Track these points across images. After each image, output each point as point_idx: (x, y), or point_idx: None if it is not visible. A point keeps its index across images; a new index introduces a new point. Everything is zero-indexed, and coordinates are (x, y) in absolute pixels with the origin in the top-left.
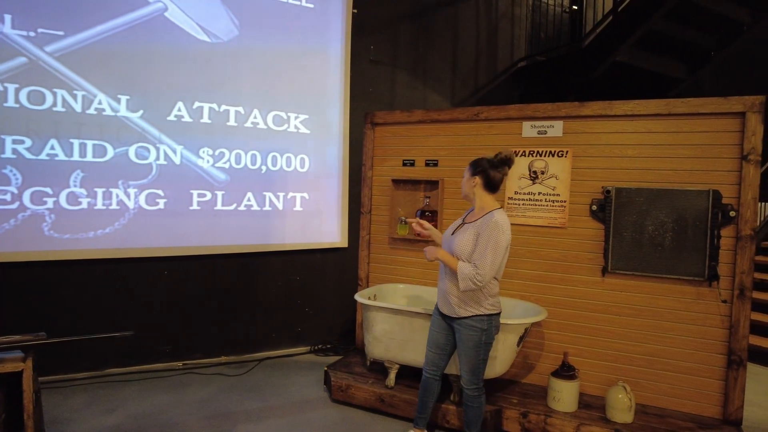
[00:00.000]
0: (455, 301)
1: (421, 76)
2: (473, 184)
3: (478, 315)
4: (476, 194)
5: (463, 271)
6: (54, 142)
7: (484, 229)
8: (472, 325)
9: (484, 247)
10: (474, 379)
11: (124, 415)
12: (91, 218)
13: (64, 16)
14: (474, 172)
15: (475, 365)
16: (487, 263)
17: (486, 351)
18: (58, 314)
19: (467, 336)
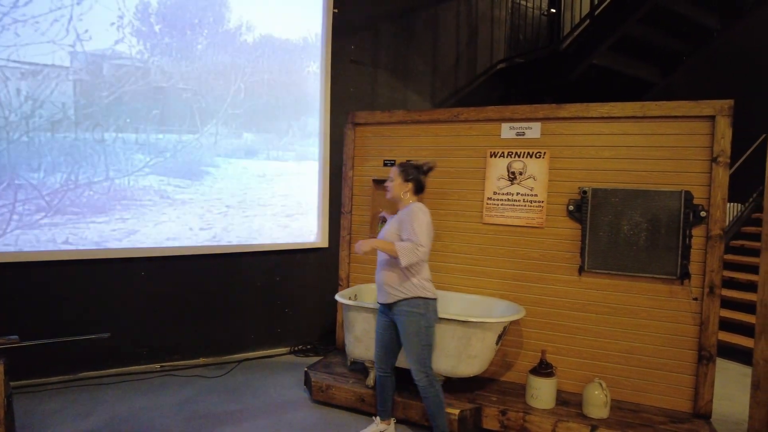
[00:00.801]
0: (392, 289)
1: (401, 77)
2: (405, 189)
3: (414, 298)
4: (404, 197)
5: (402, 245)
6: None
7: (406, 214)
8: (409, 310)
9: (411, 224)
10: (422, 369)
11: (100, 420)
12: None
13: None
14: (407, 179)
15: (419, 353)
16: (418, 235)
17: (428, 336)
18: (31, 317)
19: (407, 322)
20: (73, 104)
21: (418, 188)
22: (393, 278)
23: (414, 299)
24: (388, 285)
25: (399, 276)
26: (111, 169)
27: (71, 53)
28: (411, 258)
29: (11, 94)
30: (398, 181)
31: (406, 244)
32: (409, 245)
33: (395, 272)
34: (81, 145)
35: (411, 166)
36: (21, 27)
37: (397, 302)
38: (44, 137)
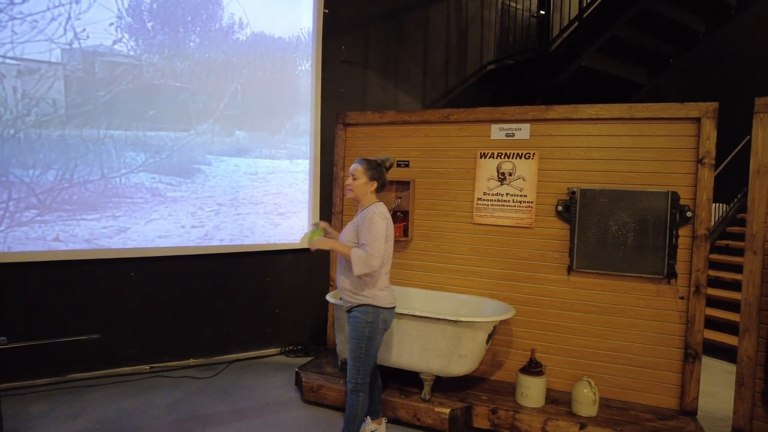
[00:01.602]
0: (348, 294)
1: (392, 78)
2: (370, 189)
3: (365, 305)
4: (367, 196)
5: (356, 254)
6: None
7: (363, 220)
8: (357, 316)
9: (368, 230)
10: (353, 373)
11: (89, 421)
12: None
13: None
14: (372, 177)
15: (355, 357)
16: (373, 244)
17: (369, 346)
18: (18, 317)
19: (353, 326)
20: (65, 102)
21: (381, 187)
22: (348, 284)
23: (365, 306)
24: (345, 290)
25: (354, 282)
26: (103, 167)
27: (66, 51)
28: (362, 269)
29: (7, 92)
30: (363, 179)
31: (361, 254)
32: (362, 255)
33: (351, 278)
34: (73, 143)
35: (375, 164)
36: (18, 25)
37: (351, 308)
38: (36, 134)
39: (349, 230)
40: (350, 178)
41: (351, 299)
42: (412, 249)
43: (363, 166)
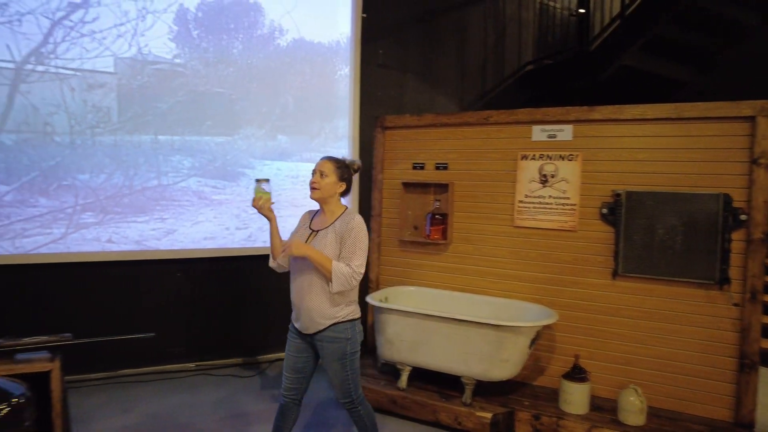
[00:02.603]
0: (319, 316)
1: (429, 80)
2: (339, 190)
3: (340, 323)
4: (333, 198)
5: (340, 269)
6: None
7: (349, 230)
8: (334, 336)
9: (354, 246)
10: (347, 394)
11: (141, 415)
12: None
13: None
14: (342, 177)
15: (344, 379)
16: (360, 261)
17: (353, 361)
18: (75, 315)
19: (331, 350)
20: (123, 111)
21: (347, 190)
22: (320, 303)
23: (341, 323)
24: (314, 312)
25: (332, 299)
26: (151, 171)
27: (128, 63)
28: (342, 287)
29: (77, 104)
30: (332, 178)
31: (345, 270)
32: (346, 272)
33: (324, 296)
34: (125, 149)
35: (344, 164)
36: (89, 42)
37: (322, 329)
38: (90, 141)
39: (330, 239)
40: (317, 175)
41: (323, 320)
42: (452, 252)
43: (333, 163)
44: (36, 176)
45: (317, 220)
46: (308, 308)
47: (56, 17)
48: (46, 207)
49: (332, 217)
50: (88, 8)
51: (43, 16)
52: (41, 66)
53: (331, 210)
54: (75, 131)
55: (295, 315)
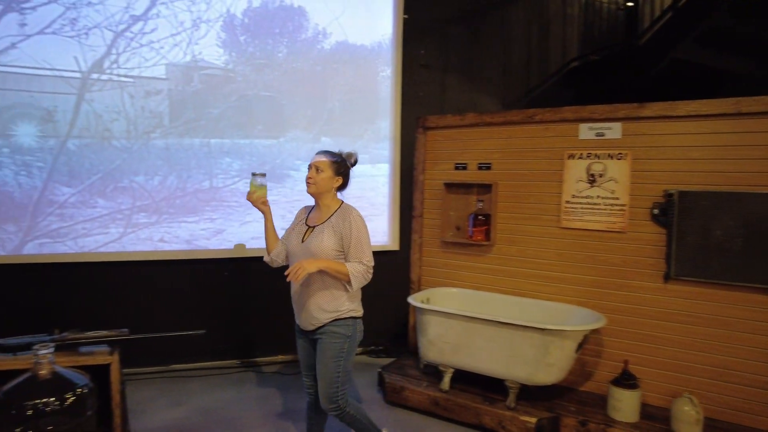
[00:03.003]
0: (321, 312)
1: (471, 79)
2: (335, 185)
3: (342, 318)
4: (330, 193)
5: (356, 270)
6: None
7: (349, 225)
8: (335, 331)
9: (358, 240)
10: (333, 396)
11: (190, 409)
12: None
13: None
14: (338, 171)
15: (333, 377)
16: (369, 256)
17: (347, 361)
18: (130, 312)
19: (328, 344)
20: (171, 114)
21: (345, 185)
22: (325, 298)
23: (343, 320)
24: (314, 308)
25: (333, 296)
26: (203, 174)
27: (182, 70)
28: (362, 284)
29: (136, 111)
30: (328, 173)
31: (360, 269)
32: (362, 270)
33: (329, 291)
34: (176, 152)
35: (341, 158)
36: (147, 51)
37: (323, 325)
38: (145, 145)
39: (327, 234)
40: (312, 170)
41: (323, 316)
42: (495, 254)
43: (328, 158)
44: (96, 179)
45: (313, 215)
46: (308, 305)
47: (119, 29)
48: (105, 208)
49: (328, 211)
50: (147, 20)
51: (107, 29)
52: (104, 75)
53: (326, 204)
54: (132, 136)
55: (295, 311)
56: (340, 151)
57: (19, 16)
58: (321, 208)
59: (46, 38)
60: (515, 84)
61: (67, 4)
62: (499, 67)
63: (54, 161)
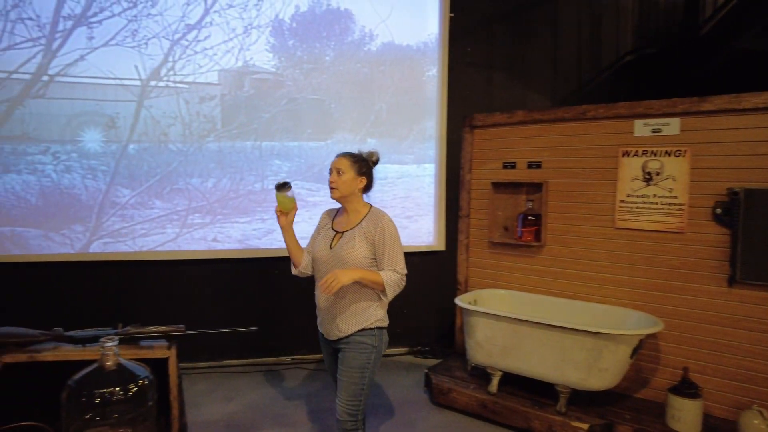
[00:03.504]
0: (347, 320)
1: (519, 76)
2: (359, 186)
3: (369, 328)
4: (355, 196)
5: (390, 279)
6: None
7: (382, 231)
8: (361, 341)
9: (392, 249)
10: (353, 410)
11: (241, 404)
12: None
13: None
14: (361, 171)
15: (357, 390)
16: (403, 264)
17: (372, 373)
18: (185, 308)
19: (353, 356)
20: (224, 118)
21: (369, 186)
22: (354, 308)
23: (370, 329)
24: (341, 317)
25: (362, 305)
26: (253, 175)
27: (234, 75)
28: (397, 292)
29: (191, 116)
30: (350, 174)
31: (394, 278)
32: (396, 278)
33: (359, 301)
34: (230, 155)
35: (361, 157)
36: (201, 58)
37: (349, 335)
38: (199, 148)
39: (358, 241)
40: (334, 173)
41: (350, 326)
42: (546, 255)
43: (349, 159)
44: (154, 182)
45: (340, 220)
46: (334, 313)
47: (175, 38)
48: (162, 209)
49: (357, 216)
50: (201, 28)
51: (164, 38)
52: (162, 82)
53: (355, 209)
54: (187, 140)
55: (320, 320)
56: (360, 151)
57: (87, 30)
58: (349, 213)
59: (110, 50)
60: (565, 80)
61: (129, 16)
62: (548, 63)
63: (116, 165)
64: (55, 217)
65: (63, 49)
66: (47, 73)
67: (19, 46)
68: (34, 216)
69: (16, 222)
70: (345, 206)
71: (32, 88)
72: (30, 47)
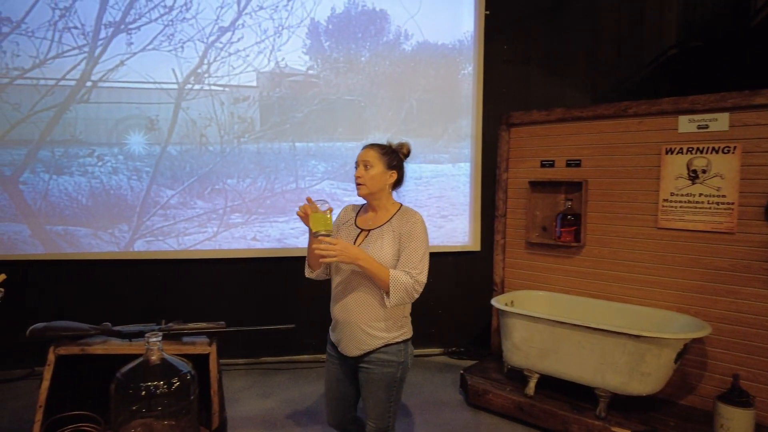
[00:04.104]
0: (369, 333)
1: (556, 73)
2: (389, 181)
3: (395, 343)
4: (384, 192)
5: (399, 279)
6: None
7: (410, 228)
8: (386, 359)
9: (416, 250)
10: (384, 425)
11: (278, 401)
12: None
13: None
14: (391, 165)
15: (386, 409)
16: (423, 269)
17: (400, 389)
18: (224, 305)
19: (379, 375)
20: (259, 119)
21: (399, 181)
22: (370, 319)
23: (395, 345)
24: (362, 330)
25: (380, 317)
26: (290, 175)
27: (267, 77)
28: (403, 301)
29: (226, 117)
30: (379, 168)
31: (405, 280)
32: (407, 282)
33: (375, 311)
34: (265, 155)
35: (391, 149)
36: (234, 60)
37: (372, 350)
38: (236, 149)
39: (387, 240)
40: (361, 167)
41: (374, 340)
42: (585, 255)
43: (377, 150)
44: (194, 181)
45: (366, 217)
46: (355, 325)
47: (209, 41)
48: (202, 209)
49: (386, 214)
50: (234, 30)
51: (199, 41)
52: (198, 84)
53: (383, 206)
54: (224, 141)
55: (336, 334)
56: (389, 141)
57: (126, 36)
58: (377, 211)
59: (148, 54)
60: (605, 76)
61: (165, 21)
62: (586, 58)
63: (157, 165)
64: (103, 216)
65: (104, 55)
66: (90, 79)
67: (66, 55)
68: (85, 215)
69: (68, 221)
70: (372, 204)
71: (77, 93)
72: (75, 55)
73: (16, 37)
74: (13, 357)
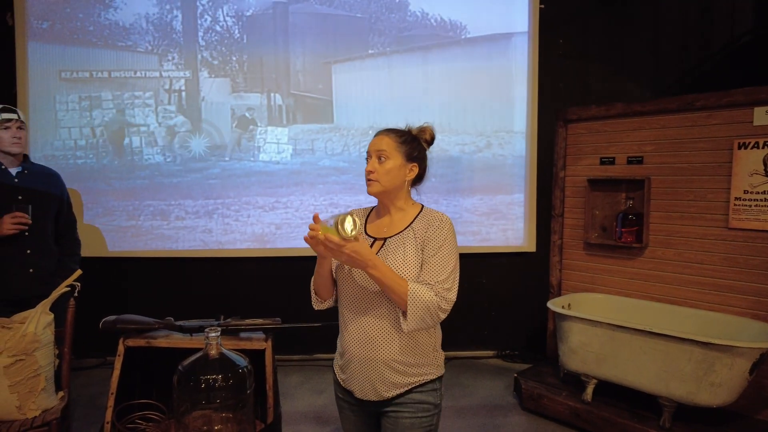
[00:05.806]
0: (397, 371)
1: (616, 66)
2: (409, 176)
3: (431, 381)
4: (403, 191)
5: (420, 296)
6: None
7: (436, 238)
8: (420, 400)
9: (444, 261)
10: None
11: (330, 397)
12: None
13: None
14: (411, 157)
15: None
16: (454, 284)
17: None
18: (280, 302)
19: (413, 421)
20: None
21: (420, 176)
22: (405, 349)
23: (429, 383)
24: (395, 365)
25: (415, 345)
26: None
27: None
28: (424, 324)
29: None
30: (397, 160)
31: (428, 298)
32: (431, 301)
33: (401, 342)
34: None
35: (412, 136)
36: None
37: (404, 392)
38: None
39: (410, 250)
40: (373, 160)
41: (403, 378)
42: (648, 257)
43: (394, 137)
44: (251, 182)
45: (379, 223)
46: (375, 362)
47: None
48: (257, 207)
49: (404, 219)
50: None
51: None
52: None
53: (400, 208)
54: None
55: (349, 372)
56: (409, 126)
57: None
58: (392, 214)
59: None
60: (668, 68)
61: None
62: (649, 49)
63: (221, 169)
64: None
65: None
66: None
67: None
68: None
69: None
70: (386, 205)
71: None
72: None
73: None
74: (88, 346)
